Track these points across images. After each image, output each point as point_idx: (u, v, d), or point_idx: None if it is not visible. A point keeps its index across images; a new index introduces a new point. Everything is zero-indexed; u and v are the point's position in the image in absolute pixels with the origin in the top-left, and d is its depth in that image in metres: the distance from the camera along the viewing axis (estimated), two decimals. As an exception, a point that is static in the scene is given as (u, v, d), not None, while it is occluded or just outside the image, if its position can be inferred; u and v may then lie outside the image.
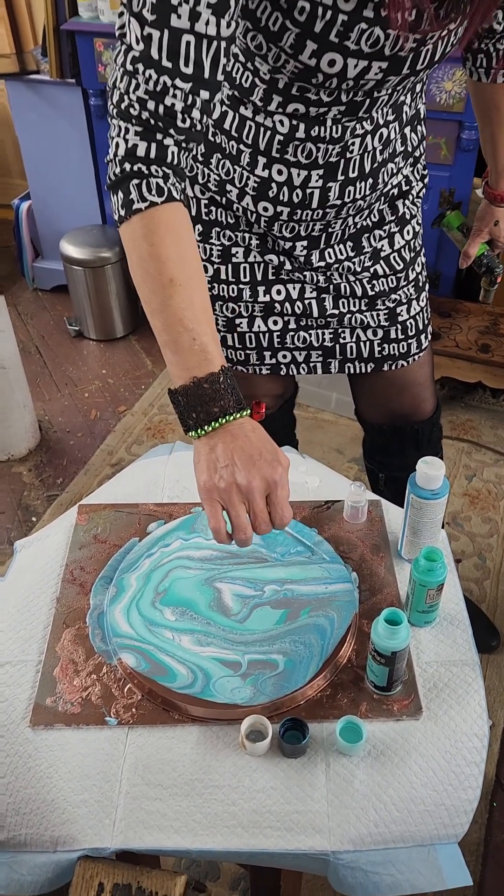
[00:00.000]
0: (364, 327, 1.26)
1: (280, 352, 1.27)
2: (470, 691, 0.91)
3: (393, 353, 1.30)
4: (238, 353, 1.28)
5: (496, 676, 1.73)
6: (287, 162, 1.02)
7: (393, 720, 0.88)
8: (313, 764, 0.84)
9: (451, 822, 0.83)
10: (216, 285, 1.20)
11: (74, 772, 0.84)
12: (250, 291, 1.20)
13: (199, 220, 1.16)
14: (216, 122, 1.01)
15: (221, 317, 1.23)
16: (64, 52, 2.40)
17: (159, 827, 0.80)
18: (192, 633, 0.95)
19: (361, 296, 1.22)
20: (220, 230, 1.16)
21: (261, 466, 0.79)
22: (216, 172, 1.08)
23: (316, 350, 1.28)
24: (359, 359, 1.30)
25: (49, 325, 2.88)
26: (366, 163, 1.05)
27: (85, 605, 1.00)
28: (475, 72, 1.18)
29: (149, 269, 0.81)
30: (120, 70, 0.79)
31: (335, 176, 1.04)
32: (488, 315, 2.38)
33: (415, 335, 1.30)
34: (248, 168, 1.04)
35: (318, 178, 1.04)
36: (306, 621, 0.95)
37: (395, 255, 1.22)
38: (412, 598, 0.95)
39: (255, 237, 1.15)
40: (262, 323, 1.23)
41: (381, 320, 1.26)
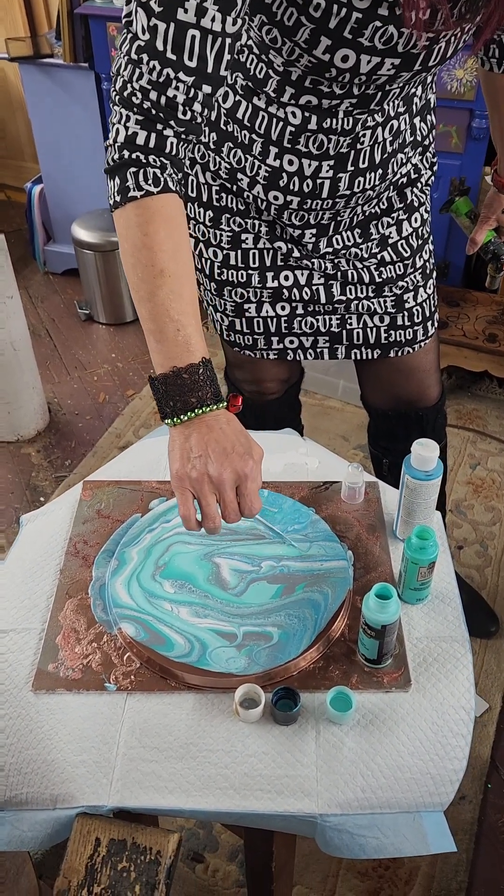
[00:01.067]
0: (371, 313, 1.28)
1: (287, 337, 1.29)
2: (459, 666, 0.93)
3: (399, 339, 1.31)
4: (246, 338, 1.30)
5: (494, 661, 1.75)
6: (298, 152, 1.04)
7: (382, 692, 0.91)
8: (304, 731, 0.87)
9: (436, 791, 0.85)
10: (225, 271, 1.22)
11: (74, 734, 0.87)
12: (259, 277, 1.21)
13: (210, 206, 1.17)
14: (229, 111, 1.03)
15: (230, 302, 1.25)
16: (77, 36, 2.42)
17: (154, 787, 0.83)
18: (190, 605, 0.97)
19: (369, 282, 1.24)
20: (230, 216, 1.17)
21: (233, 459, 0.81)
22: (227, 161, 1.10)
23: (323, 336, 1.30)
24: (365, 345, 1.32)
25: (59, 309, 2.91)
26: (376, 154, 1.07)
27: (87, 576, 1.03)
28: (487, 61, 1.19)
29: (140, 258, 0.82)
30: (124, 58, 0.80)
31: (345, 167, 1.05)
32: (497, 305, 2.39)
33: (421, 322, 1.31)
34: (260, 157, 1.06)
35: (328, 168, 1.05)
36: (301, 596, 0.98)
37: (402, 243, 1.23)
38: (405, 575, 0.97)
39: (264, 224, 1.17)
40: (271, 308, 1.25)
41: (387, 307, 1.27)
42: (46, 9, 2.88)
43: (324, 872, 1.42)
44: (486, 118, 2.18)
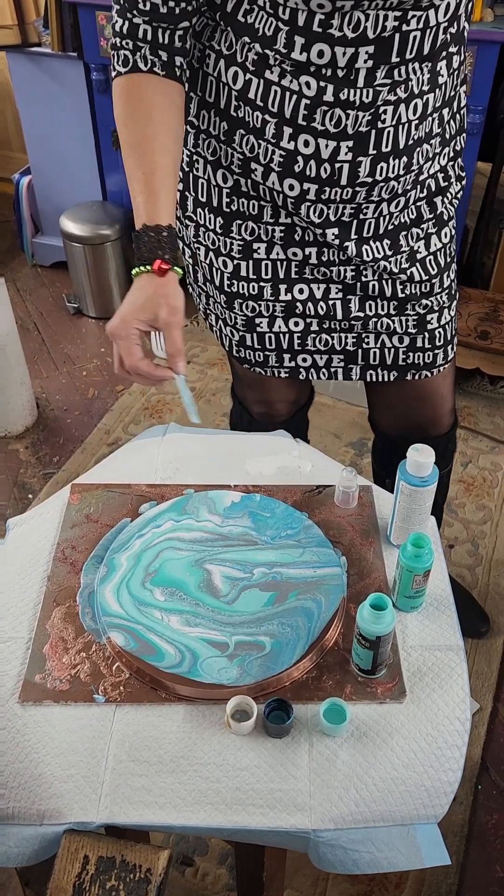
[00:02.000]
0: (390, 333, 1.22)
1: (300, 355, 1.24)
2: (454, 676, 0.92)
3: (418, 362, 1.25)
4: (257, 355, 1.25)
5: (485, 661, 1.75)
6: (314, 131, 0.97)
7: (377, 703, 0.89)
8: (297, 744, 0.86)
9: (430, 803, 0.84)
10: (236, 282, 1.16)
11: (62, 747, 0.85)
12: (271, 289, 1.16)
13: (221, 212, 1.12)
14: (240, 92, 0.98)
15: (241, 315, 1.20)
16: (66, 24, 2.37)
17: (144, 802, 0.81)
18: (180, 613, 0.96)
19: (391, 297, 1.17)
20: (241, 222, 1.11)
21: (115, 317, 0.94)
22: (240, 150, 1.04)
23: (338, 354, 1.24)
24: (382, 366, 1.26)
25: (48, 302, 2.87)
26: (400, 136, 1.00)
27: (75, 583, 1.01)
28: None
29: (118, 127, 0.97)
30: None
31: (366, 149, 0.99)
32: (488, 301, 2.38)
33: (442, 346, 1.25)
34: (274, 141, 1.00)
35: (347, 150, 0.99)
36: (294, 604, 0.97)
37: (430, 259, 1.17)
38: (399, 583, 0.96)
39: (279, 228, 1.10)
40: (283, 323, 1.19)
41: (408, 327, 1.21)
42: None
43: (314, 876, 1.41)
44: (480, 113, 2.15)
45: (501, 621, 1.82)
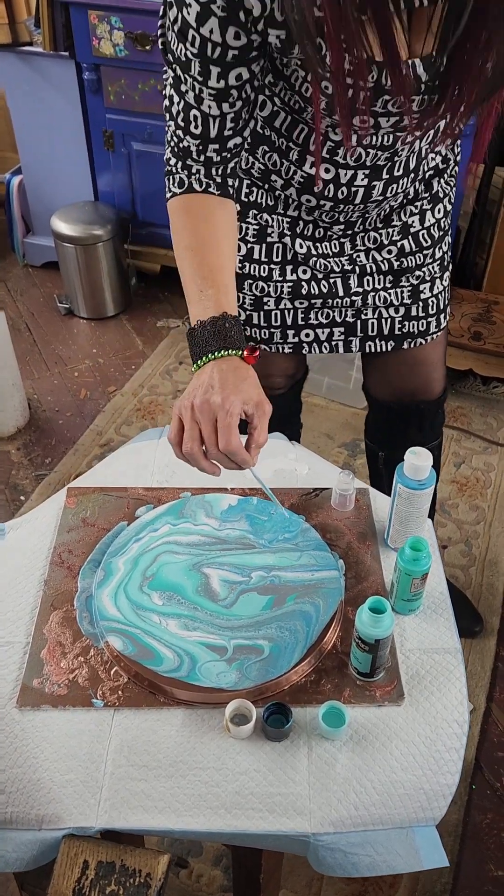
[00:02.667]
0: (387, 305, 1.28)
1: (304, 330, 1.29)
2: (451, 679, 0.92)
3: (412, 330, 1.31)
4: (263, 332, 1.30)
5: (479, 662, 1.75)
6: (336, 163, 1.03)
7: (375, 706, 0.89)
8: (296, 747, 0.86)
9: (429, 806, 0.84)
10: (247, 264, 1.22)
11: (60, 752, 0.85)
12: (279, 271, 1.22)
13: (238, 200, 1.17)
14: (266, 119, 1.02)
15: (250, 295, 1.26)
16: (57, 23, 2.36)
17: (143, 807, 0.81)
18: (178, 617, 0.95)
19: (387, 271, 1.24)
20: (257, 212, 1.18)
21: (216, 394, 0.87)
22: (262, 161, 1.09)
23: (338, 327, 1.30)
24: (379, 336, 1.32)
25: (39, 303, 2.86)
26: (411, 162, 1.07)
27: (73, 587, 1.01)
28: None
29: (175, 240, 0.98)
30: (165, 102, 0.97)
31: (381, 175, 1.06)
32: (481, 302, 2.39)
33: (435, 314, 1.31)
34: (296, 164, 1.05)
35: (363, 176, 1.05)
36: (292, 607, 0.97)
37: (424, 233, 1.23)
38: (397, 586, 0.96)
39: (287, 219, 1.17)
40: (289, 302, 1.25)
41: (403, 297, 1.27)
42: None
43: (308, 876, 1.41)
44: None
45: (494, 621, 1.83)
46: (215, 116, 0.92)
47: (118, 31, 2.30)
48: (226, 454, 0.87)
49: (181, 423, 0.89)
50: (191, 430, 0.88)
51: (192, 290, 0.94)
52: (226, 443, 0.86)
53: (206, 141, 0.95)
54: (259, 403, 0.90)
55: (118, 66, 2.38)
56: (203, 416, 0.87)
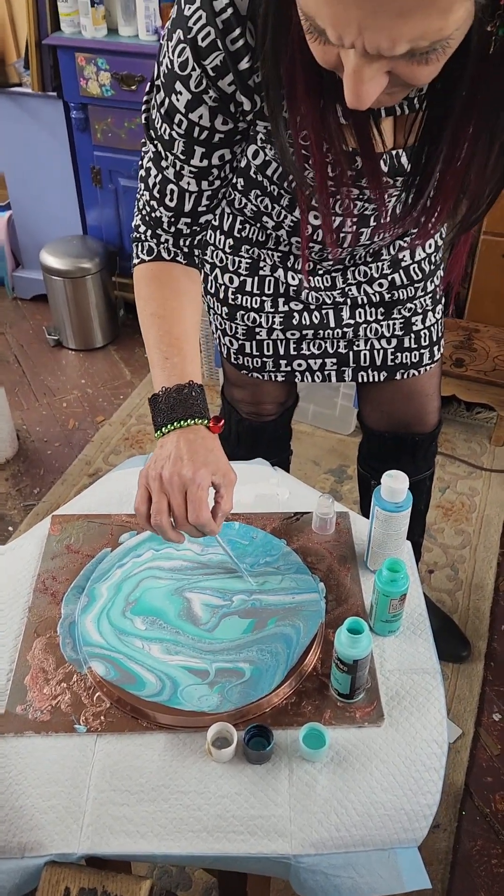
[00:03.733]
0: (379, 336, 1.29)
1: (296, 360, 1.31)
2: (431, 699, 0.93)
3: (405, 362, 1.33)
4: (255, 361, 1.32)
5: (466, 686, 1.76)
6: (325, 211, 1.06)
7: (355, 727, 0.90)
8: (277, 770, 0.86)
9: (410, 827, 0.85)
10: (240, 296, 1.25)
11: (43, 778, 0.85)
12: (271, 303, 1.24)
13: (231, 235, 1.20)
14: (259, 166, 1.02)
15: (242, 326, 1.28)
16: (46, 65, 2.43)
17: (126, 832, 0.81)
18: (161, 641, 0.96)
19: (378, 303, 1.26)
20: (248, 247, 1.20)
21: (185, 465, 0.88)
22: (254, 203, 1.11)
23: (331, 357, 1.31)
24: (372, 367, 1.33)
25: (28, 335, 2.89)
26: (398, 209, 1.07)
27: (56, 614, 1.02)
28: None
29: (140, 307, 1.00)
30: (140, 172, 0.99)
31: (368, 223, 1.07)
32: (463, 330, 2.43)
33: (428, 346, 1.33)
34: (287, 209, 1.07)
35: (351, 223, 1.07)
36: (273, 630, 0.98)
37: (414, 267, 1.24)
38: (376, 607, 0.97)
39: (278, 254, 1.20)
40: (281, 332, 1.27)
41: (395, 329, 1.29)
42: (15, 38, 2.88)
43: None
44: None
45: (482, 645, 1.84)
46: (193, 192, 0.95)
47: (104, 72, 2.36)
48: (195, 526, 0.89)
49: (148, 493, 0.89)
50: (159, 503, 0.88)
51: (157, 357, 0.95)
52: (196, 516, 0.87)
53: (180, 214, 0.97)
54: (226, 473, 0.92)
55: (105, 106, 2.44)
56: (173, 489, 0.87)
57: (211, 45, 0.80)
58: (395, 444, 1.46)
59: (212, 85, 0.83)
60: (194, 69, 0.82)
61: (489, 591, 1.97)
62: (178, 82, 0.85)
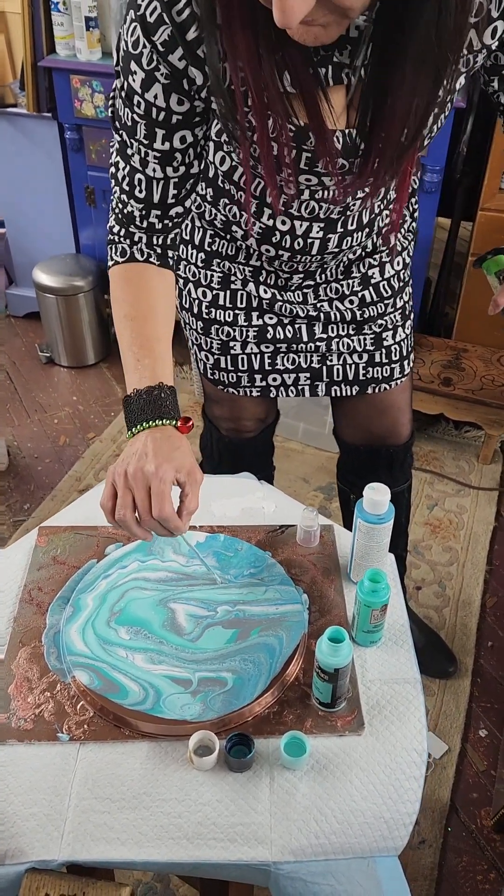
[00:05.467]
0: (351, 351, 1.33)
1: (270, 374, 1.33)
2: (411, 708, 0.94)
3: (377, 376, 1.36)
4: (230, 376, 1.34)
5: (453, 702, 1.76)
6: (291, 216, 1.08)
7: (336, 736, 0.91)
8: (258, 778, 0.87)
9: (390, 835, 0.86)
10: (213, 310, 1.27)
11: (25, 786, 0.86)
12: (245, 316, 1.26)
13: (202, 250, 1.23)
14: (225, 173, 1.06)
15: (217, 340, 1.30)
16: (41, 87, 2.47)
17: (106, 839, 0.82)
18: (145, 651, 0.97)
19: (350, 321, 1.29)
20: (220, 260, 1.23)
21: (149, 461, 0.89)
22: (223, 213, 1.15)
23: (304, 372, 1.34)
24: (344, 381, 1.36)
25: (20, 352, 2.91)
26: (364, 217, 1.12)
27: (41, 624, 1.03)
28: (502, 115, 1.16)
29: (114, 308, 1.01)
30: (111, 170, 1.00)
31: (335, 228, 1.10)
32: (451, 350, 2.46)
33: (398, 360, 1.36)
34: (255, 215, 1.10)
35: (319, 229, 1.09)
36: (256, 640, 0.99)
37: (384, 283, 1.28)
38: (358, 618, 0.99)
39: (249, 269, 1.22)
40: (255, 346, 1.29)
41: (367, 344, 1.32)
42: (11, 59, 2.93)
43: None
44: (438, 173, 2.27)
45: (468, 661, 1.84)
46: (159, 180, 0.96)
47: (99, 94, 2.41)
48: (158, 521, 0.89)
49: (114, 489, 0.91)
50: (123, 497, 0.89)
51: (130, 359, 0.97)
52: (159, 510, 0.88)
53: (150, 206, 0.99)
54: (191, 471, 0.92)
55: (99, 127, 2.48)
56: (136, 484, 0.89)
57: (158, 19, 0.83)
58: (370, 457, 1.49)
59: (162, 60, 0.86)
60: (145, 46, 0.85)
61: (476, 608, 1.98)
62: (132, 62, 0.88)
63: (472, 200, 2.36)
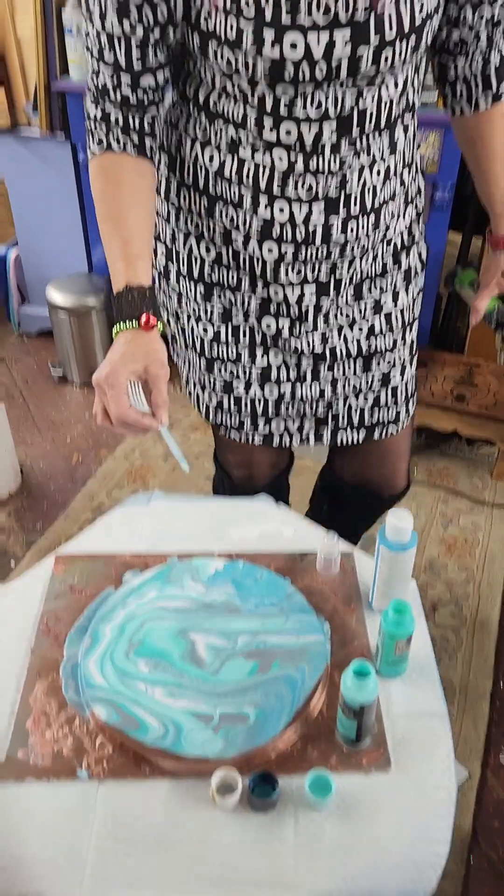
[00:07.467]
0: (357, 393, 1.28)
1: (274, 420, 1.29)
2: (439, 744, 0.92)
3: (382, 420, 1.32)
4: (233, 419, 1.30)
5: (472, 727, 1.73)
6: (288, 199, 1.04)
7: (362, 773, 0.89)
8: (282, 818, 0.85)
9: (419, 878, 0.83)
10: (216, 346, 1.22)
11: (44, 827, 0.84)
12: (248, 354, 1.22)
13: (202, 281, 1.18)
14: (217, 172, 1.06)
15: (220, 379, 1.25)
16: (54, 108, 2.48)
17: (127, 883, 0.80)
18: (165, 685, 0.95)
19: (356, 355, 1.23)
20: (220, 291, 1.18)
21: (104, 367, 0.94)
22: (220, 223, 1.10)
23: (308, 419, 1.30)
24: (350, 426, 1.32)
25: (33, 370, 2.91)
26: (367, 198, 1.07)
27: (59, 656, 1.01)
28: (457, 106, 1.15)
29: (96, 206, 1.02)
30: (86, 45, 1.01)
31: (336, 210, 1.06)
32: (464, 365, 2.45)
33: (404, 401, 1.32)
34: (252, 210, 1.06)
35: (319, 212, 1.05)
36: (277, 673, 0.97)
37: (396, 313, 1.23)
38: (382, 649, 0.97)
39: (255, 300, 1.17)
40: (259, 389, 1.25)
41: (373, 383, 1.27)
42: (24, 81, 2.95)
43: None
44: (450, 189, 2.26)
45: (486, 684, 1.81)
46: (119, 37, 0.95)
47: (111, 114, 2.41)
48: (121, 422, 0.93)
49: None
50: (98, 405, 0.95)
51: (109, 261, 1.00)
52: (115, 413, 0.93)
53: (118, 70, 0.98)
54: (148, 368, 0.95)
55: (111, 147, 2.49)
56: (99, 391, 0.94)
57: None
58: (361, 499, 1.46)
59: None
60: None
61: (494, 628, 1.95)
62: None
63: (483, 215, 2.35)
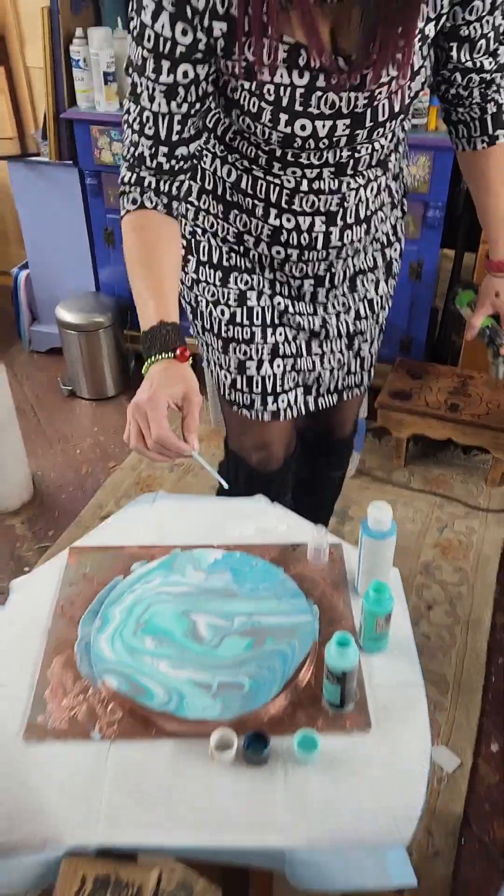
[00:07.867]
0: (339, 366, 1.49)
1: (280, 395, 1.44)
2: (416, 708, 1.02)
3: (350, 384, 1.53)
4: (245, 398, 1.44)
5: (465, 718, 1.82)
6: (294, 212, 1.23)
7: (345, 734, 0.99)
8: (273, 772, 0.95)
9: (397, 827, 0.92)
10: (232, 328, 1.38)
11: (62, 780, 0.94)
12: (261, 333, 1.37)
13: (220, 267, 1.35)
14: (233, 183, 1.24)
15: (234, 359, 1.40)
16: (63, 137, 2.62)
17: (138, 826, 0.90)
18: (168, 658, 1.06)
19: (344, 334, 1.44)
20: (237, 275, 1.35)
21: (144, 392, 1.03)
22: (235, 226, 1.29)
23: (300, 388, 1.47)
24: (326, 392, 1.52)
25: (43, 385, 3.04)
26: (361, 211, 1.26)
27: (73, 635, 1.11)
28: (458, 143, 1.30)
29: (126, 255, 1.14)
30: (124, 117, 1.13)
31: (335, 221, 1.25)
32: (457, 377, 2.55)
33: (368, 369, 1.54)
34: (262, 218, 1.25)
35: (321, 223, 1.24)
36: (271, 648, 1.07)
37: (376, 300, 1.44)
38: (364, 626, 1.07)
39: (267, 281, 1.35)
40: (269, 366, 1.40)
41: (350, 357, 1.49)
42: (34, 110, 3.10)
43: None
44: (441, 209, 2.38)
45: (479, 679, 1.90)
46: (164, 115, 1.05)
47: (116, 143, 2.55)
48: (159, 443, 1.01)
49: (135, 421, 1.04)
50: (130, 428, 1.03)
51: (140, 302, 1.09)
52: (155, 434, 1.01)
53: (157, 142, 1.08)
54: (186, 395, 1.05)
55: (117, 173, 2.62)
56: (138, 414, 1.02)
57: None
58: (315, 444, 1.70)
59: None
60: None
61: (486, 627, 2.04)
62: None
63: (474, 232, 2.47)
